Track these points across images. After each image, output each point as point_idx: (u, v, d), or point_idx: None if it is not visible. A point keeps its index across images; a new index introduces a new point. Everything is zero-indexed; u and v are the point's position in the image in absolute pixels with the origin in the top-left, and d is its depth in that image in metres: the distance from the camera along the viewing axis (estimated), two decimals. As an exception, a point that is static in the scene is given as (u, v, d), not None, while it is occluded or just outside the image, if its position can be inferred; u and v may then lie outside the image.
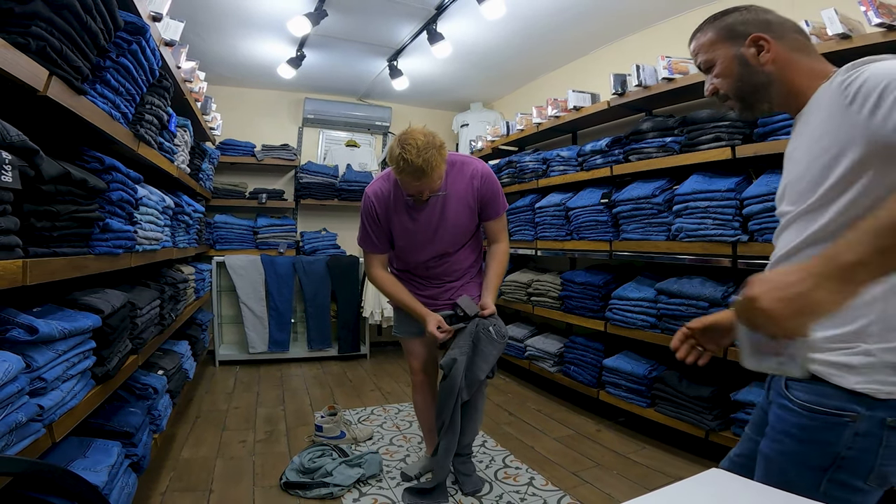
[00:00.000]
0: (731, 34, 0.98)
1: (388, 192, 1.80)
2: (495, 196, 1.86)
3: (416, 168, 1.55)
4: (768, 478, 0.89)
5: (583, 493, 2.00)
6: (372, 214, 1.82)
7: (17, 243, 0.94)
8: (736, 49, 0.96)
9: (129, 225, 1.62)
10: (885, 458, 0.78)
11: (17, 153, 0.91)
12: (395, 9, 2.91)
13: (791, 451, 0.86)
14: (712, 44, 1.00)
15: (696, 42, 1.05)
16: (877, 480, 0.80)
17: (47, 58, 1.03)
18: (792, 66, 0.93)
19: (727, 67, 0.98)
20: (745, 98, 0.98)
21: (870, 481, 0.80)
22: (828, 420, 0.81)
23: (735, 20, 0.98)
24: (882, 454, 0.78)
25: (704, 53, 1.02)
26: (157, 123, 1.90)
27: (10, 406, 0.89)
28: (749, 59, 0.95)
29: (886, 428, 0.77)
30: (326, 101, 4.55)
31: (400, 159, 1.56)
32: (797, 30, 0.97)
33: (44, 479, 0.74)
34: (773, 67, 0.93)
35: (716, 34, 1.00)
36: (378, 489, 2.02)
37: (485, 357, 1.78)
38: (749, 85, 0.96)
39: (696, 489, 0.61)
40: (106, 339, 1.36)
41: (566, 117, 3.15)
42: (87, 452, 1.34)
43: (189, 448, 2.37)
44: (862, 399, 0.78)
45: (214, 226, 4.01)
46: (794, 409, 0.86)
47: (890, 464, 0.79)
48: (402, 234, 1.83)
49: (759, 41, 0.94)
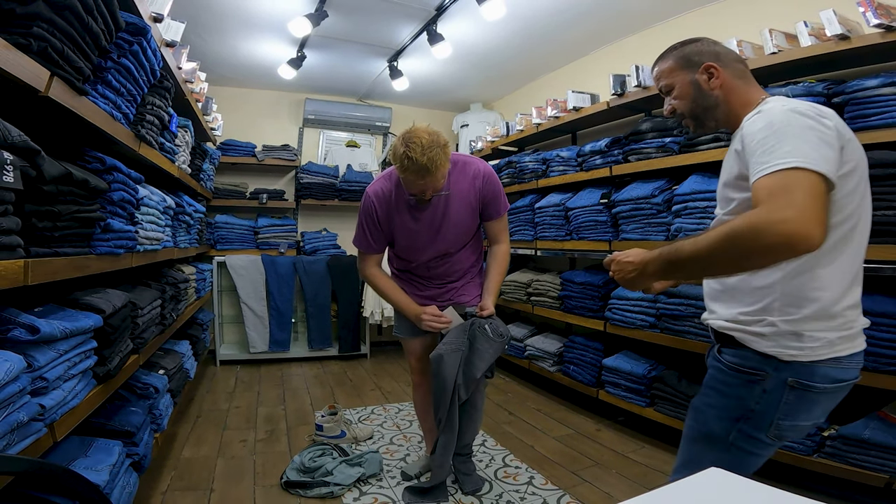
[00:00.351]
0: (688, 63, 1.14)
1: (390, 191, 1.79)
2: (497, 196, 1.86)
3: (420, 166, 1.54)
4: (694, 426, 1.10)
5: (582, 492, 2.00)
6: (371, 215, 1.81)
7: (18, 243, 0.94)
8: (691, 75, 1.13)
9: (130, 225, 1.62)
10: (783, 413, 0.98)
11: (19, 153, 0.91)
12: (395, 10, 2.91)
13: (714, 404, 1.07)
14: (672, 70, 1.16)
15: (658, 68, 1.20)
16: (775, 433, 1.00)
17: (49, 58, 1.03)
18: (734, 92, 1.10)
19: (684, 91, 1.14)
20: (698, 117, 1.14)
21: (769, 434, 1.00)
22: (745, 378, 1.01)
23: (691, 50, 1.14)
24: (781, 409, 0.98)
25: (665, 79, 1.18)
26: (158, 124, 1.90)
27: (11, 405, 0.89)
28: (702, 84, 1.12)
29: (787, 387, 0.97)
30: (327, 102, 4.55)
31: (404, 157, 1.55)
32: (738, 59, 1.14)
33: (45, 479, 0.74)
34: (720, 92, 1.11)
35: (675, 62, 1.16)
36: (378, 488, 2.02)
37: (481, 355, 1.76)
38: (701, 106, 1.13)
39: (695, 488, 0.61)
40: (107, 339, 1.36)
41: (566, 118, 3.15)
42: (89, 452, 1.34)
43: (190, 447, 2.37)
44: (771, 361, 0.98)
45: (215, 226, 4.01)
46: (723, 369, 1.06)
47: (787, 418, 0.98)
48: (404, 234, 1.82)
49: (710, 69, 1.11)
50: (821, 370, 0.96)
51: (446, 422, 1.77)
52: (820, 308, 0.95)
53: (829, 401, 1.01)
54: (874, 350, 1.69)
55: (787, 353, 0.96)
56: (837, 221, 0.95)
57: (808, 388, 0.97)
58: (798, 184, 0.81)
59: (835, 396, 1.01)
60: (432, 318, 1.80)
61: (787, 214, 0.79)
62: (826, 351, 0.96)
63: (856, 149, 0.97)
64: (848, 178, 0.94)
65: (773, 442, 1.02)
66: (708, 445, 1.07)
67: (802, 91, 1.91)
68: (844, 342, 0.97)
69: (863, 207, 1.00)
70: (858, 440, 1.71)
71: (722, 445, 1.04)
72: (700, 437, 1.09)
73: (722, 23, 2.63)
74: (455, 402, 1.77)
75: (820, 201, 0.81)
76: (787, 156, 0.84)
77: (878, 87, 1.69)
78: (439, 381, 1.75)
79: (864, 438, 1.70)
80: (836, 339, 0.96)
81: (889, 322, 1.67)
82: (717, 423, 1.05)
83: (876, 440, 1.67)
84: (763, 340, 0.98)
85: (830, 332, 0.96)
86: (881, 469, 1.66)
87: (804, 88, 1.91)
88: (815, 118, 0.90)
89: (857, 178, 0.97)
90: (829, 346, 0.96)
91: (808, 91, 1.90)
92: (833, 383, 0.98)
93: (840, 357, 0.97)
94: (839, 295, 0.96)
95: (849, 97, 1.77)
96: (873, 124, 1.70)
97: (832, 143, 0.89)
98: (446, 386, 1.74)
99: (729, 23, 2.58)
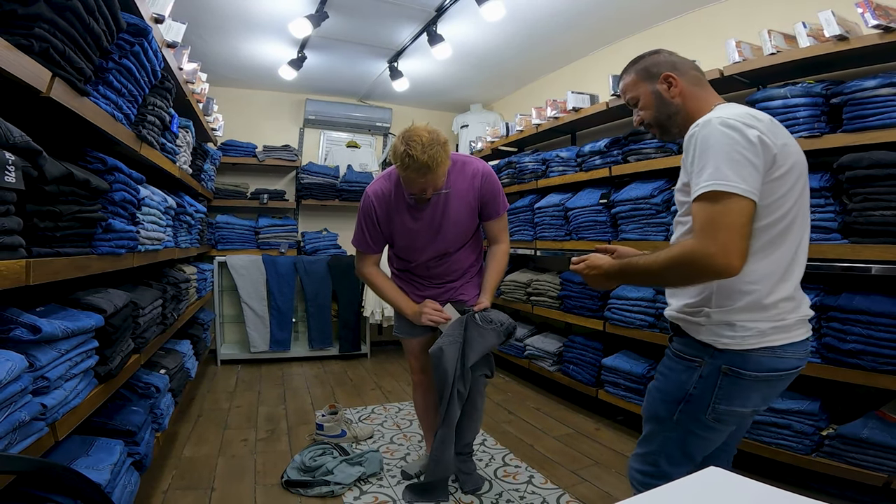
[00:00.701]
0: (648, 75, 1.21)
1: (390, 191, 1.79)
2: (496, 195, 1.85)
3: (421, 164, 1.54)
4: (646, 407, 1.21)
5: (582, 491, 2.00)
6: (371, 215, 1.81)
7: (20, 243, 0.94)
8: (652, 86, 1.20)
9: (131, 225, 1.61)
10: (718, 398, 1.06)
11: (21, 154, 0.91)
12: (395, 11, 2.91)
13: (662, 387, 1.16)
14: (635, 83, 1.23)
15: (623, 83, 1.26)
16: (713, 416, 1.07)
17: (50, 59, 1.03)
18: (691, 98, 1.17)
19: (647, 101, 1.21)
20: (662, 125, 1.21)
21: (708, 416, 1.07)
22: (686, 364, 1.10)
23: (649, 63, 1.21)
24: (716, 394, 1.06)
25: (630, 92, 1.25)
26: (159, 124, 1.90)
27: (13, 405, 0.89)
28: (662, 93, 1.18)
29: (721, 373, 1.05)
30: (327, 103, 4.55)
31: (405, 156, 1.55)
32: (694, 67, 1.20)
33: (47, 478, 0.74)
34: (679, 100, 1.17)
35: (636, 75, 1.23)
36: (378, 487, 2.02)
37: (472, 345, 1.74)
38: (664, 114, 1.20)
39: (693, 487, 0.61)
40: (108, 339, 1.36)
41: (565, 118, 3.15)
42: (90, 451, 1.34)
43: (191, 446, 2.37)
44: (707, 349, 1.06)
45: (216, 226, 4.01)
46: (671, 356, 1.16)
47: (722, 403, 1.06)
48: (404, 233, 1.82)
49: (668, 78, 1.17)
50: (753, 358, 1.03)
51: (445, 416, 1.77)
52: (752, 300, 1.03)
53: (766, 388, 1.07)
54: (872, 350, 1.69)
55: (721, 342, 1.04)
56: (771, 222, 1.02)
57: (740, 374, 1.04)
58: (721, 217, 0.95)
59: (772, 385, 1.07)
60: (433, 312, 1.80)
61: (712, 250, 0.94)
62: (757, 340, 1.02)
63: (791, 153, 1.04)
64: (782, 181, 1.02)
65: (714, 425, 1.09)
66: (658, 424, 1.17)
67: (801, 91, 1.91)
68: (777, 332, 1.03)
69: (799, 206, 1.07)
70: (857, 439, 1.71)
71: (669, 424, 1.14)
72: (651, 417, 1.19)
73: (721, 23, 2.63)
74: (454, 396, 1.76)
75: (738, 231, 0.94)
76: (710, 178, 0.96)
77: (876, 88, 1.69)
78: (439, 374, 1.76)
79: (862, 438, 1.70)
80: (768, 330, 1.02)
81: (887, 322, 1.67)
82: (662, 405, 1.14)
83: (874, 439, 1.67)
84: (701, 329, 1.07)
85: (762, 323, 1.02)
86: (880, 468, 1.66)
87: (803, 89, 1.91)
88: (740, 132, 0.97)
89: (793, 179, 1.04)
90: (761, 335, 1.02)
91: (806, 92, 1.90)
92: (767, 372, 1.04)
93: (773, 346, 1.03)
94: (771, 288, 1.03)
95: (847, 98, 1.77)
96: (871, 125, 1.70)
97: (754, 157, 0.96)
98: (447, 379, 1.74)
99: (728, 23, 2.58)
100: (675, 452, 1.14)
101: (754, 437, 1.98)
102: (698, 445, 1.13)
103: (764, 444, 1.94)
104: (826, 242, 1.82)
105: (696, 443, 1.12)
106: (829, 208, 1.83)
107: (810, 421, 1.85)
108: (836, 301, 1.80)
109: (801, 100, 1.91)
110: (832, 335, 1.80)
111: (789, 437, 1.89)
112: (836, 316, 1.79)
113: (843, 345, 1.75)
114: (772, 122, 1.04)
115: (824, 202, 1.84)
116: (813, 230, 1.86)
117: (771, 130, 1.01)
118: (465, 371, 1.75)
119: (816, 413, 1.84)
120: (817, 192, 1.84)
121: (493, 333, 1.77)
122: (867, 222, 1.70)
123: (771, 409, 1.93)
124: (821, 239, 1.83)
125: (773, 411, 1.92)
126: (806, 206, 1.10)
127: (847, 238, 1.77)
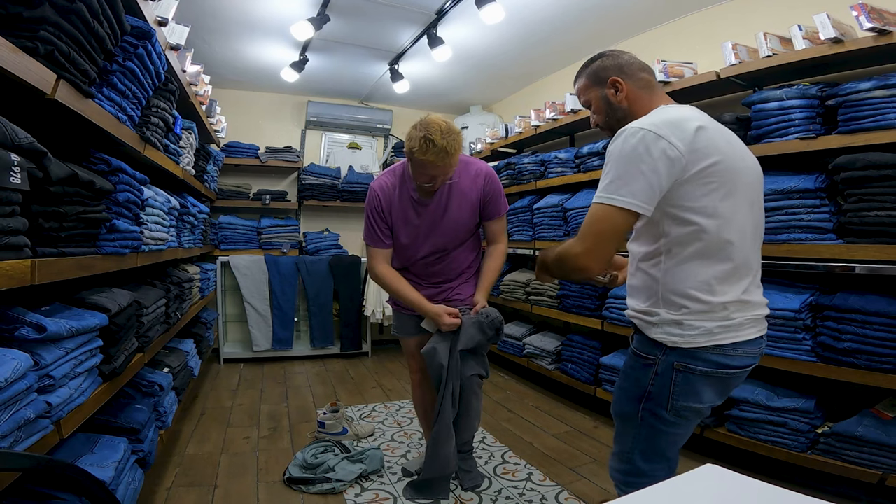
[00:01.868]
0: (597, 79, 1.22)
1: (395, 185, 1.81)
2: (497, 195, 1.88)
3: (440, 149, 1.58)
4: (614, 405, 1.22)
5: (580, 488, 2.00)
6: (377, 208, 1.81)
7: (25, 243, 0.94)
8: (601, 90, 1.21)
9: (135, 225, 1.61)
10: (675, 394, 1.07)
11: (26, 155, 0.91)
12: (396, 14, 2.91)
13: (624, 385, 1.19)
14: (586, 88, 1.25)
15: (576, 87, 1.28)
16: (673, 411, 1.08)
17: (55, 62, 1.03)
18: (637, 102, 1.18)
19: (598, 106, 1.23)
20: (612, 128, 1.18)
21: (669, 411, 1.09)
22: (642, 361, 1.12)
23: (598, 67, 1.22)
24: (673, 390, 1.07)
25: (583, 96, 1.27)
26: (162, 126, 1.90)
27: (18, 403, 0.89)
28: (610, 97, 1.19)
29: (675, 370, 1.06)
30: (329, 105, 4.55)
31: (425, 141, 1.58)
32: (644, 69, 1.20)
33: (52, 475, 0.74)
34: (626, 103, 1.18)
35: (587, 79, 1.24)
36: (379, 484, 2.02)
37: (461, 338, 1.77)
38: (613, 118, 1.21)
39: (691, 484, 0.61)
40: (113, 338, 1.36)
41: (563, 120, 3.15)
42: (95, 448, 1.34)
43: (194, 444, 2.37)
44: (659, 346, 1.09)
45: (219, 226, 4.01)
46: (630, 354, 1.18)
47: (680, 399, 1.07)
48: (405, 228, 1.82)
49: (615, 83, 1.18)
50: (702, 355, 1.05)
51: (439, 412, 1.78)
52: (696, 304, 1.05)
53: (718, 385, 1.08)
54: (867, 349, 1.69)
55: (671, 340, 1.06)
56: (702, 228, 1.02)
57: (690, 370, 1.06)
58: (596, 224, 1.04)
59: (724, 381, 1.09)
60: (454, 320, 1.79)
61: (578, 250, 1.05)
62: (705, 339, 1.04)
63: (711, 154, 1.01)
64: (703, 182, 1.01)
65: (676, 420, 1.10)
66: (625, 421, 1.18)
67: (797, 93, 1.91)
68: (725, 332, 1.04)
69: (737, 208, 1.05)
70: (852, 437, 1.71)
71: (634, 422, 1.15)
72: (618, 414, 1.21)
73: (717, 26, 2.63)
74: (448, 393, 1.77)
75: (605, 238, 1.03)
76: (603, 190, 1.03)
77: (870, 90, 1.69)
78: (434, 371, 1.78)
79: (857, 435, 1.70)
80: (715, 329, 1.04)
81: (882, 321, 1.67)
82: (627, 402, 1.16)
83: (869, 437, 1.67)
84: (653, 328, 1.10)
85: (708, 322, 1.04)
86: (874, 465, 1.66)
87: (798, 91, 1.91)
88: (646, 145, 0.99)
89: (717, 181, 1.02)
90: (708, 334, 1.04)
91: (802, 93, 1.90)
92: (717, 368, 1.06)
93: (721, 345, 1.04)
94: (714, 291, 1.04)
95: (842, 100, 1.77)
96: (866, 126, 1.70)
97: (651, 171, 0.99)
98: (441, 374, 1.76)
99: (724, 26, 2.58)
100: (646, 448, 1.15)
101: (750, 434, 1.98)
102: (667, 441, 1.14)
103: (760, 442, 1.94)
104: (821, 243, 1.82)
105: (665, 439, 1.13)
106: (825, 209, 1.83)
107: (806, 419, 1.85)
108: (832, 300, 1.80)
109: (796, 101, 1.91)
110: (828, 334, 1.80)
111: (785, 434, 1.89)
112: (832, 315, 1.79)
113: (838, 344, 1.76)
114: (700, 132, 1.02)
115: (819, 203, 1.84)
116: (808, 230, 1.86)
117: (694, 140, 1.01)
118: (456, 364, 1.77)
119: (812, 411, 1.84)
120: (812, 192, 1.85)
121: (477, 325, 1.78)
122: (862, 223, 1.70)
123: (767, 407, 1.93)
124: (816, 239, 1.83)
125: (770, 409, 1.92)
126: (758, 214, 1.12)
127: (842, 238, 1.78)
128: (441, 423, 1.78)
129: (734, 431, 2.03)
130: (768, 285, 2.00)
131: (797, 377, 1.95)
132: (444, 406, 1.77)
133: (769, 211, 1.95)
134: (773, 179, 1.96)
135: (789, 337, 1.87)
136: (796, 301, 1.87)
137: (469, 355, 1.81)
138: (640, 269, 1.15)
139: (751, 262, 1.10)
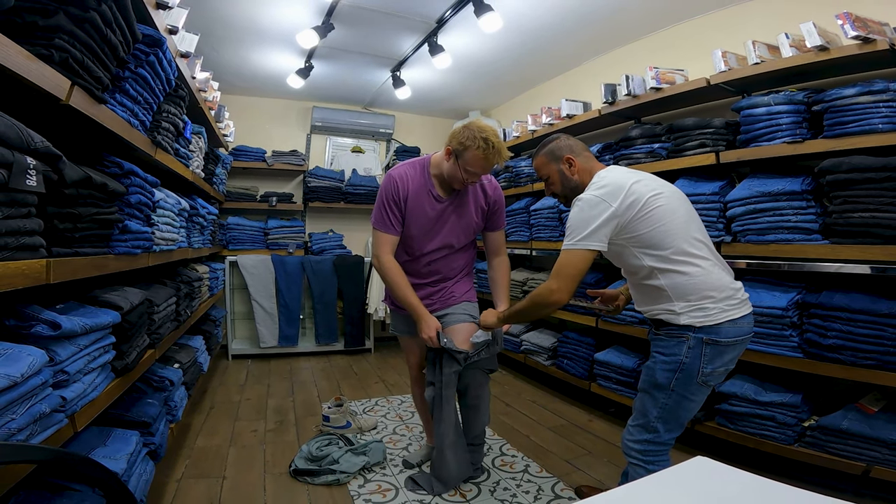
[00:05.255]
0: (554, 157, 1.48)
1: (414, 177, 1.78)
2: (503, 208, 1.93)
3: (496, 150, 1.64)
4: (645, 380, 1.39)
5: (575, 479, 2.00)
6: (393, 193, 1.75)
7: (41, 244, 0.94)
8: (558, 166, 1.47)
9: (146, 226, 1.61)
10: (705, 363, 1.29)
11: (42, 159, 0.91)
12: (397, 22, 2.91)
13: (659, 360, 1.35)
14: (545, 164, 1.50)
15: (535, 162, 1.53)
16: (703, 378, 1.30)
17: (69, 69, 1.03)
18: (583, 173, 1.45)
19: (555, 178, 1.49)
20: (567, 196, 1.46)
21: (699, 379, 1.30)
22: (677, 339, 1.32)
23: (553, 147, 1.49)
24: (703, 360, 1.29)
25: (542, 170, 1.52)
26: (173, 130, 1.90)
27: (34, 397, 0.89)
28: (565, 171, 1.46)
29: (704, 343, 1.29)
30: (333, 110, 4.55)
31: (484, 141, 1.62)
32: (585, 148, 1.50)
33: (66, 467, 0.74)
34: (577, 176, 1.45)
35: (545, 157, 1.50)
36: (382, 476, 2.02)
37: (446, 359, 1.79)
38: (568, 188, 1.47)
39: (682, 476, 0.61)
40: (125, 335, 1.36)
41: (559, 125, 3.14)
42: (107, 441, 1.34)
43: (203, 437, 2.37)
44: (689, 327, 1.30)
45: (227, 227, 4.01)
46: (662, 338, 1.36)
47: (708, 365, 1.29)
48: (417, 220, 1.79)
49: (569, 160, 1.46)
50: (724, 329, 1.29)
51: (438, 418, 1.80)
52: (703, 296, 1.30)
53: (734, 350, 1.33)
54: (852, 345, 1.69)
55: (698, 321, 1.29)
56: (666, 250, 1.30)
57: (717, 342, 1.29)
58: (566, 266, 1.33)
59: (738, 347, 1.33)
60: (431, 340, 1.76)
61: (554, 287, 1.35)
62: (723, 316, 1.29)
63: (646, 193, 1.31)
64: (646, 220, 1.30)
65: (703, 388, 1.32)
66: (657, 391, 1.35)
67: (784, 99, 1.91)
68: (734, 308, 1.31)
69: (689, 229, 1.34)
70: (837, 430, 1.71)
71: (665, 391, 1.33)
72: (650, 387, 1.37)
73: (707, 34, 2.63)
74: (444, 401, 1.78)
75: (572, 277, 1.32)
76: (568, 239, 1.33)
77: (855, 96, 1.70)
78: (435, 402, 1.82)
79: (842, 428, 1.70)
80: (727, 307, 1.30)
81: (865, 318, 1.67)
82: (662, 374, 1.34)
83: (853, 430, 1.67)
84: (681, 317, 1.31)
85: (721, 303, 1.30)
86: (858, 457, 1.67)
87: (786, 97, 1.91)
88: (593, 206, 1.31)
89: (666, 214, 1.31)
90: (724, 312, 1.29)
91: (789, 99, 1.90)
92: (734, 337, 1.30)
93: (734, 318, 1.30)
94: (712, 284, 1.30)
95: (828, 105, 1.77)
96: (851, 131, 1.70)
97: (601, 223, 1.29)
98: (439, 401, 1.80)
99: (714, 34, 2.58)
100: (669, 417, 1.34)
101: (739, 428, 1.98)
102: (688, 409, 1.34)
103: (748, 435, 1.94)
104: (807, 243, 1.82)
105: (687, 406, 1.34)
106: (811, 210, 1.83)
107: (793, 413, 1.85)
108: (817, 299, 1.80)
109: (783, 107, 1.91)
110: (813, 331, 1.80)
111: (773, 428, 1.89)
112: (818, 313, 1.79)
113: (823, 340, 1.76)
114: (635, 185, 1.32)
115: (806, 205, 1.84)
116: (795, 231, 1.86)
117: (627, 194, 1.30)
118: (444, 375, 1.78)
119: (798, 405, 1.84)
120: (799, 195, 1.85)
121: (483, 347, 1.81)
122: (847, 224, 1.70)
123: (755, 401, 1.93)
124: (803, 240, 1.83)
125: (758, 404, 1.92)
126: (699, 225, 1.40)
127: (827, 239, 1.78)
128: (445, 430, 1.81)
129: (724, 425, 2.03)
130: (757, 284, 2.01)
131: (785, 373, 1.95)
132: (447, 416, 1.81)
133: (758, 212, 1.95)
134: (762, 182, 1.96)
135: (777, 334, 1.87)
136: (783, 299, 1.87)
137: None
138: (640, 284, 1.40)
139: (716, 252, 1.39)
